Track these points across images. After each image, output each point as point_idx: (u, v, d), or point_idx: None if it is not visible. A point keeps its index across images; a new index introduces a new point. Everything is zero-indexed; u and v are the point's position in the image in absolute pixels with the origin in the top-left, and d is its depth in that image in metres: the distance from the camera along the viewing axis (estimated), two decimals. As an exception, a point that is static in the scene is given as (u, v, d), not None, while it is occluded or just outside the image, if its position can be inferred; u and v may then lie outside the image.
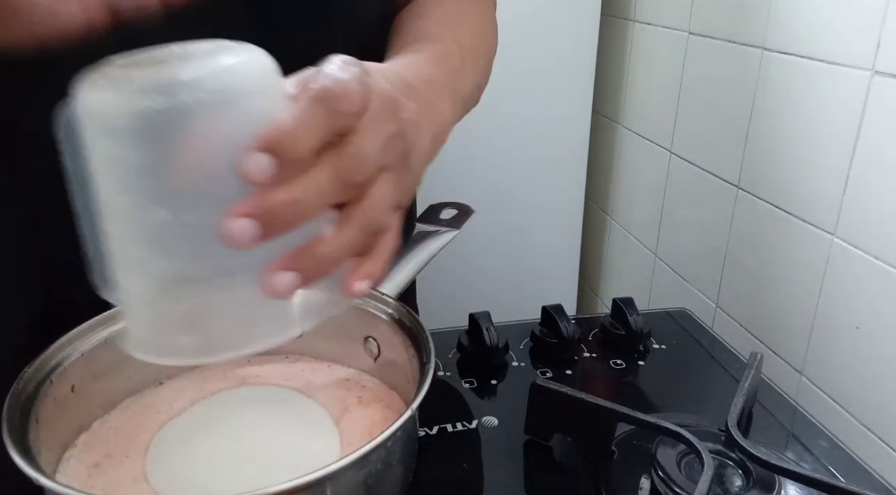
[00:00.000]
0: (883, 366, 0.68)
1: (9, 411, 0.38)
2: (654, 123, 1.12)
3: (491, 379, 0.60)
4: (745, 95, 0.86)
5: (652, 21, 1.10)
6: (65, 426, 0.43)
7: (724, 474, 0.46)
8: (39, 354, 0.42)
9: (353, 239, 0.33)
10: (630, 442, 0.51)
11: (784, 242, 0.81)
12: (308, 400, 0.47)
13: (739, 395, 0.51)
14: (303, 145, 0.30)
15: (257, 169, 0.29)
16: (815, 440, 0.54)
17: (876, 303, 0.69)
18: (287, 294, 0.31)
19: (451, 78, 0.46)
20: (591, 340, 0.66)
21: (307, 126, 0.30)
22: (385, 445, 0.37)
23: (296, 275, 0.31)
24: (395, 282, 0.51)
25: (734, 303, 0.93)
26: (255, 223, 0.29)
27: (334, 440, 0.44)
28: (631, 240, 1.23)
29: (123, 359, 0.47)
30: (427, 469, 0.47)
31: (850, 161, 0.70)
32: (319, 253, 0.32)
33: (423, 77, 0.41)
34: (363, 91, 0.32)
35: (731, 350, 0.66)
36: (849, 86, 0.70)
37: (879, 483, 0.49)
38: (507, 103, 1.17)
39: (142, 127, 0.28)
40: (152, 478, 0.41)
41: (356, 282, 0.34)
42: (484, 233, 1.22)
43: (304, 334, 0.51)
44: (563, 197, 1.27)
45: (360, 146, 0.32)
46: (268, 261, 0.31)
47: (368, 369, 0.50)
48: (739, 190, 0.90)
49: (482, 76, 0.55)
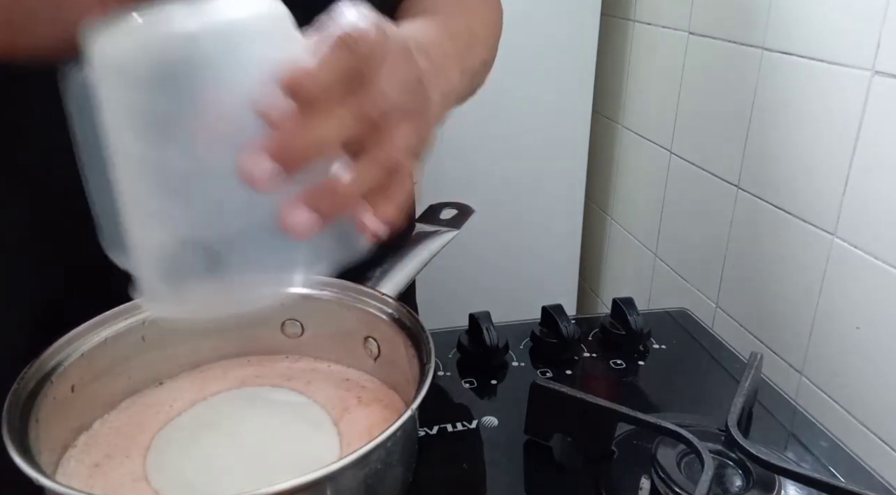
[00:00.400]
0: (883, 366, 0.68)
1: (9, 411, 0.38)
2: (654, 123, 1.12)
3: (491, 379, 0.60)
4: (745, 95, 0.86)
5: (652, 21, 1.10)
6: (65, 426, 0.43)
7: (724, 474, 0.46)
8: (39, 354, 0.42)
9: (372, 176, 0.33)
10: (630, 442, 0.51)
11: (784, 242, 0.81)
12: (308, 401, 0.47)
13: (739, 395, 0.51)
14: (322, 85, 0.30)
15: (277, 109, 0.29)
16: (815, 440, 0.54)
17: (876, 303, 0.69)
18: (307, 232, 0.31)
19: (459, 49, 0.46)
20: (591, 340, 0.66)
21: (327, 67, 0.30)
22: (385, 445, 0.37)
23: (315, 214, 0.31)
24: (395, 282, 0.51)
25: (734, 303, 0.93)
26: (274, 162, 0.29)
27: (334, 440, 0.44)
28: (631, 240, 1.23)
29: (123, 359, 0.47)
30: (427, 469, 0.47)
31: (850, 161, 0.70)
32: (339, 189, 0.32)
33: (432, 41, 0.41)
34: (382, 36, 0.32)
35: (731, 350, 0.66)
36: (849, 86, 0.70)
37: (879, 483, 0.49)
38: (508, 103, 1.17)
39: (163, 74, 0.29)
40: (153, 479, 0.41)
41: (373, 222, 0.34)
42: (484, 233, 1.22)
43: (304, 334, 0.51)
44: (563, 197, 1.27)
45: (379, 85, 0.32)
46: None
47: (368, 369, 0.50)
48: (739, 190, 0.90)
49: (489, 53, 0.55)
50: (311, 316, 0.51)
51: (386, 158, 0.33)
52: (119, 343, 0.46)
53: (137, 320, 0.47)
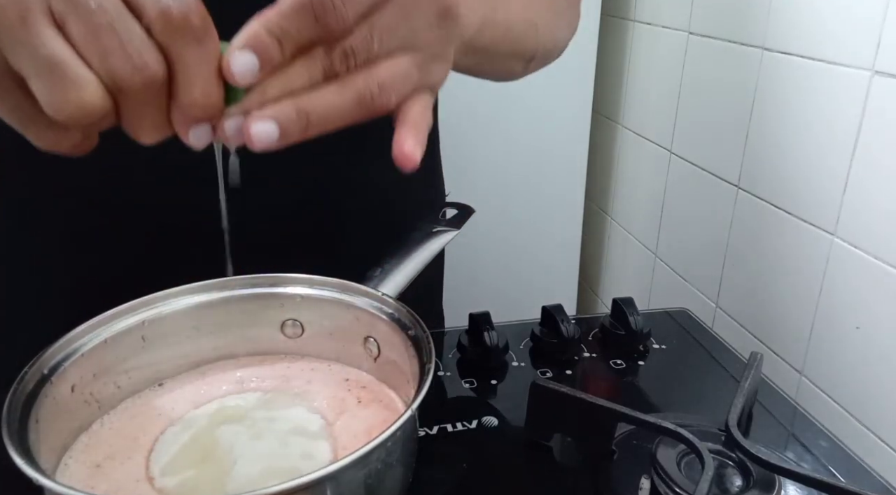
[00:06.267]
0: (883, 365, 0.68)
1: (9, 411, 0.38)
2: (654, 123, 1.12)
3: (491, 379, 0.60)
4: (745, 95, 0.86)
5: (652, 21, 1.10)
6: (65, 426, 0.43)
7: (724, 474, 0.46)
8: (40, 354, 0.42)
9: (339, 100, 0.33)
10: (630, 442, 0.51)
11: (784, 242, 0.81)
12: (308, 401, 0.47)
13: (739, 395, 0.51)
14: (284, 51, 0.31)
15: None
16: (815, 440, 0.54)
17: (876, 303, 0.69)
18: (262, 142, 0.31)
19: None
20: (591, 340, 0.66)
21: (287, 35, 0.31)
22: (385, 445, 0.37)
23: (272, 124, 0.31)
24: (395, 282, 0.51)
25: (734, 303, 0.93)
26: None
27: (333, 441, 0.44)
28: (631, 240, 1.23)
29: (123, 359, 0.47)
30: (427, 469, 0.47)
31: (850, 161, 0.70)
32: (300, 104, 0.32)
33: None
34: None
35: (731, 350, 0.66)
36: (849, 86, 0.70)
37: (879, 483, 0.49)
38: (507, 103, 1.17)
39: None
40: (156, 479, 0.41)
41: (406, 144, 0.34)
42: (484, 233, 1.22)
43: (304, 334, 0.51)
44: (563, 197, 1.27)
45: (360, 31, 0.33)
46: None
47: (368, 369, 0.50)
48: (739, 190, 0.90)
49: (540, 17, 0.54)
50: (311, 316, 0.51)
51: (364, 83, 0.33)
52: (119, 343, 0.46)
53: (137, 320, 0.47)
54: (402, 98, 0.35)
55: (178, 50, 0.29)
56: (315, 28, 0.31)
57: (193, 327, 0.49)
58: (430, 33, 0.35)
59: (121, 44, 0.28)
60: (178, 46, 0.29)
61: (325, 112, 0.32)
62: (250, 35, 0.30)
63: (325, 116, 0.33)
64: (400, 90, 0.35)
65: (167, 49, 0.29)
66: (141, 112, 0.30)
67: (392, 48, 0.34)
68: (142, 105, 0.30)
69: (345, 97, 0.33)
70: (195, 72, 0.30)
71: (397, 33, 0.34)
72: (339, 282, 0.50)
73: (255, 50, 0.30)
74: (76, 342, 0.44)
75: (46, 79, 0.28)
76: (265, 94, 0.31)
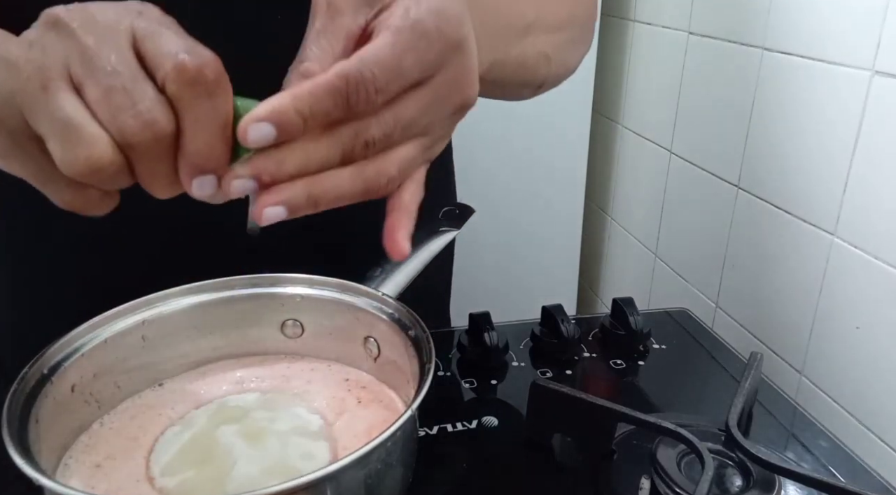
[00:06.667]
0: (883, 365, 0.68)
1: (9, 411, 0.38)
2: (654, 123, 1.12)
3: (491, 380, 0.60)
4: (745, 95, 0.86)
5: (652, 21, 1.10)
6: (65, 426, 0.43)
7: (724, 474, 0.46)
8: (40, 354, 0.42)
9: (351, 186, 0.33)
10: (630, 442, 0.51)
11: (784, 242, 0.81)
12: (308, 401, 0.47)
13: (739, 395, 0.51)
14: (306, 126, 0.31)
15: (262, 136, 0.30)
16: (815, 440, 0.54)
17: (876, 303, 0.69)
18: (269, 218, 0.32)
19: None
20: (591, 340, 0.66)
21: (313, 111, 0.31)
22: (385, 445, 0.37)
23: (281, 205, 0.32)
24: (395, 282, 0.51)
25: (734, 303, 0.93)
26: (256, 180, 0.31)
27: (333, 441, 0.44)
28: (631, 240, 1.23)
29: (123, 359, 0.47)
30: (427, 469, 0.47)
31: (850, 161, 0.70)
32: (315, 185, 0.32)
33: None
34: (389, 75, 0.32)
35: (731, 350, 0.66)
36: (849, 86, 0.70)
37: (879, 483, 0.49)
38: (507, 103, 1.17)
39: None
40: (156, 480, 0.41)
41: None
42: (484, 232, 1.22)
43: (304, 334, 0.51)
44: (563, 197, 1.27)
45: (383, 116, 0.33)
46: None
47: (368, 369, 0.50)
48: (739, 190, 0.90)
49: (555, 48, 0.54)
50: (311, 316, 0.51)
51: (375, 174, 0.34)
52: (119, 343, 0.46)
53: (137, 320, 0.47)
54: (405, 180, 0.36)
55: (188, 102, 0.30)
56: (343, 111, 0.31)
57: (193, 327, 0.50)
58: (445, 122, 0.36)
59: (132, 103, 0.29)
60: (189, 98, 0.30)
61: (335, 197, 0.33)
62: (276, 109, 0.30)
63: (333, 200, 0.33)
64: (405, 176, 0.36)
65: (178, 102, 0.30)
66: (153, 168, 0.31)
67: (408, 137, 0.35)
68: (153, 161, 0.31)
69: (356, 185, 0.33)
70: (202, 124, 0.30)
71: (418, 124, 0.34)
72: (339, 282, 0.50)
73: (278, 125, 0.30)
74: (76, 342, 0.44)
75: (61, 138, 0.30)
76: (280, 164, 0.32)
